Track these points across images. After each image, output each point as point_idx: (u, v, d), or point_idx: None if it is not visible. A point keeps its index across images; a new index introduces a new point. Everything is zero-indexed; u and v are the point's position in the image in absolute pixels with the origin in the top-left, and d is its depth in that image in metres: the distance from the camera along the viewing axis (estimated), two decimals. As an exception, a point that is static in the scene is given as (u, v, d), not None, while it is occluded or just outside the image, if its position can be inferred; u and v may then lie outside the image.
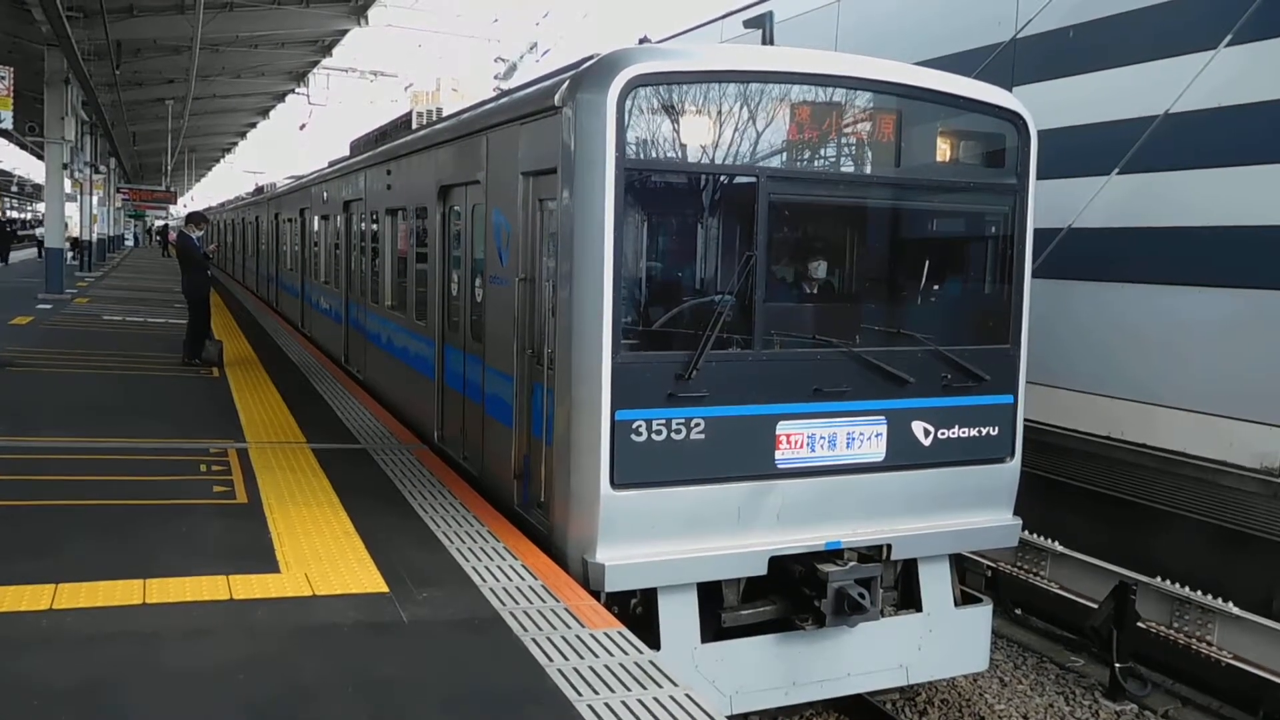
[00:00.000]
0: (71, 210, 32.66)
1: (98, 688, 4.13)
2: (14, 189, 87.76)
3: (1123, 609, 8.05)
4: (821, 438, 6.30)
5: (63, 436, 8.64)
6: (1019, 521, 7.18)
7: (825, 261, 7.08)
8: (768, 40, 7.12)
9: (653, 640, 5.80)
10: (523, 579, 5.69)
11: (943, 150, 6.91)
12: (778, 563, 6.23)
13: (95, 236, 38.15)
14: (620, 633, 5.04)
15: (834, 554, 6.37)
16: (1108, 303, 9.59)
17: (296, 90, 37.13)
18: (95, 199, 37.06)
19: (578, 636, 4.94)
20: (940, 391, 6.64)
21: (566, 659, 4.67)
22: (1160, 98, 8.85)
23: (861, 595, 6.19)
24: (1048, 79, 10.22)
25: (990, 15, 10.89)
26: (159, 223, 73.62)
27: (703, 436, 5.96)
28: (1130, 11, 9.52)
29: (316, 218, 16.55)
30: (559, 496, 6.09)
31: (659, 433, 5.86)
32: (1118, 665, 8.03)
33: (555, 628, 5.03)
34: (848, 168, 6.74)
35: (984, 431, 6.85)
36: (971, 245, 7.65)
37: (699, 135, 5.98)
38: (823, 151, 6.54)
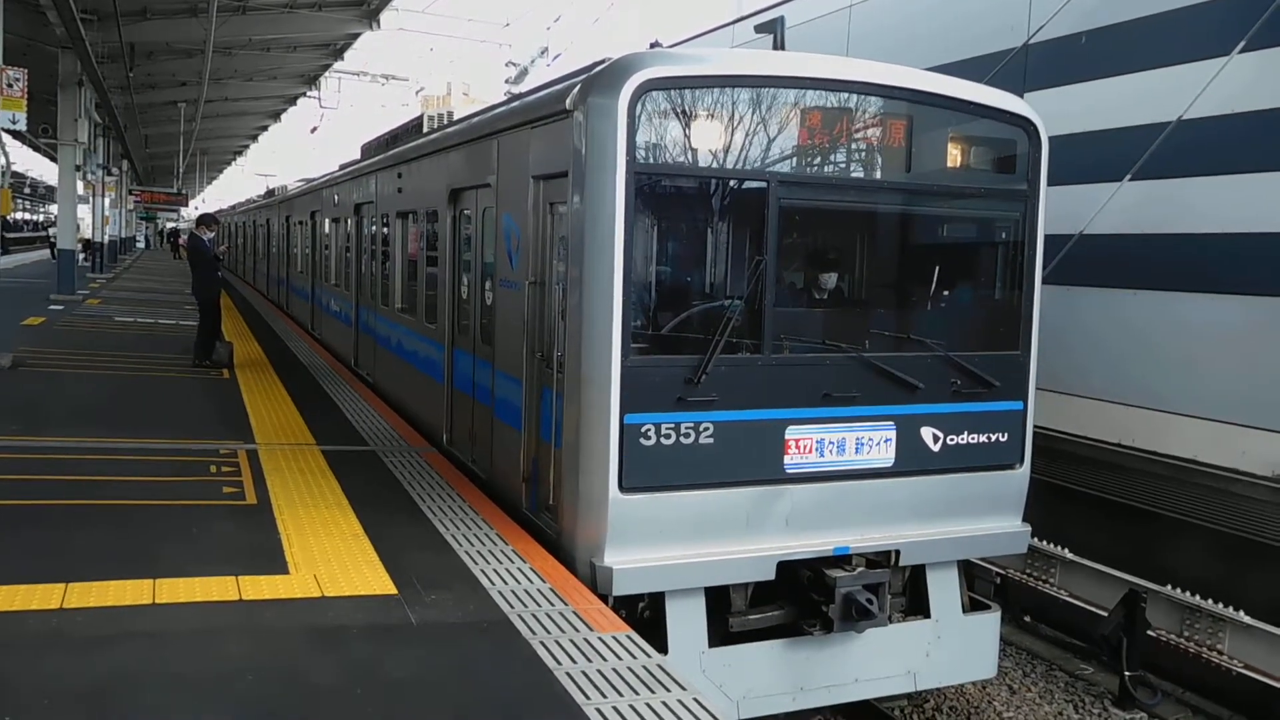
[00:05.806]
0: (84, 212, 32.81)
1: (107, 687, 4.15)
2: (27, 190, 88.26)
3: (1133, 617, 8.02)
4: (830, 443, 6.29)
5: (74, 436, 8.67)
6: (1028, 528, 7.16)
7: (835, 266, 7.07)
8: (779, 45, 7.11)
9: (660, 644, 5.79)
10: (531, 582, 5.70)
11: (953, 155, 6.89)
12: (786, 568, 6.22)
13: (107, 238, 38.35)
14: (628, 636, 5.04)
15: (842, 559, 6.36)
16: (1118, 309, 9.55)
17: (308, 93, 37.29)
18: (107, 201, 37.20)
19: (585, 640, 4.94)
20: (950, 397, 6.63)
21: (574, 662, 4.67)
22: (1173, 104, 8.82)
23: (869, 601, 6.17)
24: (1060, 85, 10.19)
25: (1002, 21, 10.88)
26: (170, 225, 73.95)
27: (711, 441, 5.96)
28: (1144, 18, 9.49)
29: (327, 220, 16.60)
30: (567, 500, 6.09)
31: (668, 437, 5.86)
32: (1128, 673, 8.00)
33: (563, 631, 5.03)
34: (858, 173, 6.73)
35: (993, 438, 6.83)
36: (982, 251, 7.63)
37: (710, 140, 5.98)
38: (833, 156, 6.53)
